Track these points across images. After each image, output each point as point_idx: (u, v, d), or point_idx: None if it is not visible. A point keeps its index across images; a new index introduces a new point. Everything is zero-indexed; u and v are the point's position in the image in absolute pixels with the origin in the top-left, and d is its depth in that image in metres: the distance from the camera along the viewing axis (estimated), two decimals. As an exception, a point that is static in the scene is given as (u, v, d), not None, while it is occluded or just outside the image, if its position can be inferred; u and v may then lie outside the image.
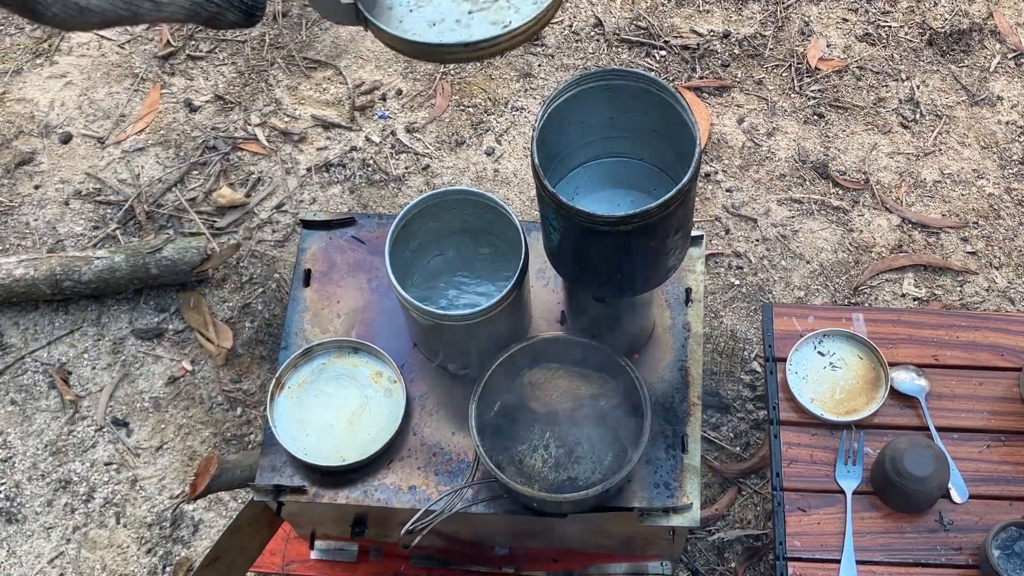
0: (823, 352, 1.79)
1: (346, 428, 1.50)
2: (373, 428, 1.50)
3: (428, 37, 1.16)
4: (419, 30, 1.17)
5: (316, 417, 1.51)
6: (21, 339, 2.44)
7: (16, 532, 2.22)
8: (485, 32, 1.14)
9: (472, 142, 2.70)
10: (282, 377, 1.53)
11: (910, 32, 2.85)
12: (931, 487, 1.61)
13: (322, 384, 1.54)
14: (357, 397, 1.53)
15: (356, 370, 1.55)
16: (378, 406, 1.52)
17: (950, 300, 2.42)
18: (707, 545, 2.16)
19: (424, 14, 1.18)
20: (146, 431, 2.32)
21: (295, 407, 1.51)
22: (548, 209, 1.24)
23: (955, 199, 2.57)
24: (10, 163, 2.69)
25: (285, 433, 1.48)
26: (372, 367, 1.55)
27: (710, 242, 2.51)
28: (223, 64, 2.87)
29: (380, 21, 1.18)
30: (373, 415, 1.52)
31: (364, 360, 1.55)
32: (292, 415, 1.50)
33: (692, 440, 1.51)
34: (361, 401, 1.53)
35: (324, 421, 1.51)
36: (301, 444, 1.48)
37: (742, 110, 2.72)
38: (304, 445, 1.48)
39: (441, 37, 1.15)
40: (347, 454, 1.47)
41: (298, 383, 1.53)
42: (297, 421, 1.50)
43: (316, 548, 1.84)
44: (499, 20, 1.15)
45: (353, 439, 1.49)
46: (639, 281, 1.34)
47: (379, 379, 1.54)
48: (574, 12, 2.93)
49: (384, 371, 1.54)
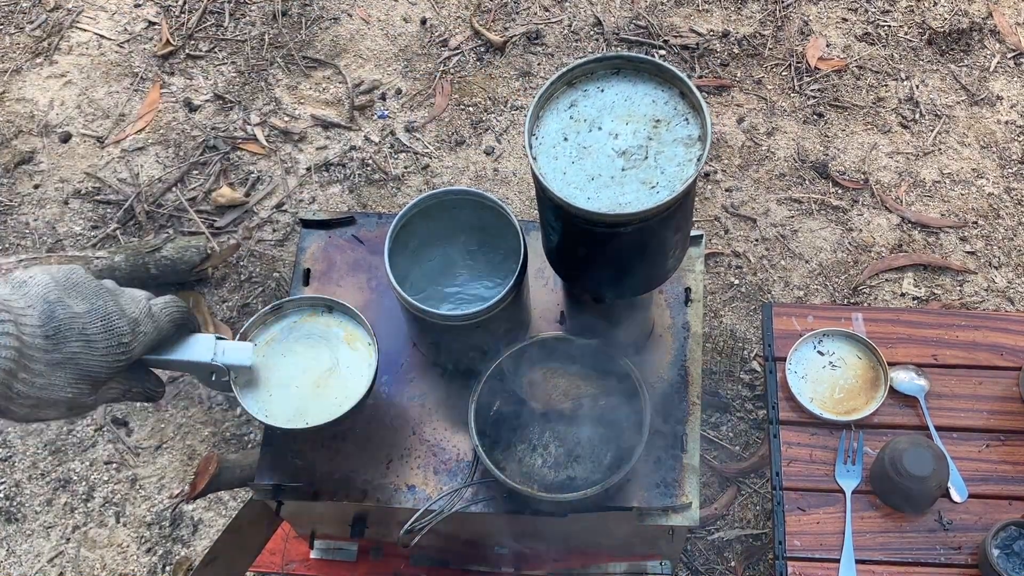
0: (823, 352, 1.79)
1: (311, 390, 1.43)
2: (341, 392, 1.43)
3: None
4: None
5: (282, 377, 1.43)
6: (21, 338, 2.44)
7: (16, 531, 2.22)
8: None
9: (472, 141, 2.70)
10: (248, 333, 1.45)
11: (910, 32, 2.85)
12: (931, 487, 1.61)
13: (291, 343, 1.46)
14: (327, 359, 1.45)
15: (329, 330, 1.48)
16: (348, 369, 1.45)
17: (949, 300, 2.42)
18: (707, 544, 2.16)
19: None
20: (146, 430, 2.32)
21: (260, 366, 1.43)
22: (547, 209, 1.24)
23: (955, 199, 2.57)
24: (10, 162, 2.69)
25: (247, 393, 1.41)
26: (346, 328, 1.47)
27: (710, 242, 2.52)
28: (223, 63, 2.87)
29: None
30: (342, 378, 1.44)
31: (338, 320, 1.48)
32: (257, 373, 1.43)
33: (692, 440, 1.51)
34: (331, 363, 1.45)
35: (290, 382, 1.43)
36: (263, 405, 1.41)
37: (741, 110, 2.72)
38: (266, 406, 1.41)
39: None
40: (311, 417, 1.40)
41: (265, 341, 1.46)
42: (262, 380, 1.42)
43: (316, 548, 1.84)
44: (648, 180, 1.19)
45: (319, 401, 1.42)
46: (639, 281, 1.34)
47: (352, 341, 1.47)
48: (574, 12, 2.93)
49: (358, 333, 1.47)
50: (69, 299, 1.17)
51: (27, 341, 1.11)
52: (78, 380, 1.16)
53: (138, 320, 1.22)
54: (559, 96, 1.24)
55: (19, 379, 1.11)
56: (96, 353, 1.17)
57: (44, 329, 1.13)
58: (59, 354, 1.14)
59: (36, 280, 1.17)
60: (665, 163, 1.18)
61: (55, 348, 1.13)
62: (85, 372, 1.16)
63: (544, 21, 2.92)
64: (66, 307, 1.16)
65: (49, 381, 1.13)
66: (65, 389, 1.15)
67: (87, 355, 1.16)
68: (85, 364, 1.16)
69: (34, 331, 1.12)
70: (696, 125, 1.20)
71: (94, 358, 1.17)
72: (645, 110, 1.21)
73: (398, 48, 2.89)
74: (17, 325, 1.10)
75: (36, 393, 1.13)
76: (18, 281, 1.16)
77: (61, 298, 1.16)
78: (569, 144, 1.21)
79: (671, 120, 1.21)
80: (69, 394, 1.16)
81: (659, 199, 1.15)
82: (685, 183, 1.16)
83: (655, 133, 1.20)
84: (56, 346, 1.14)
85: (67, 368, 1.14)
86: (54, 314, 1.14)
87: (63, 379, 1.15)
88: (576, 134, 1.21)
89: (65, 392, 1.15)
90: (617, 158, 1.19)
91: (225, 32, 2.93)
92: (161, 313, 1.26)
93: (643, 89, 1.23)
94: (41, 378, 1.12)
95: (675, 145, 1.19)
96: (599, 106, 1.23)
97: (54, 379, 1.14)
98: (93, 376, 1.17)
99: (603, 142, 1.20)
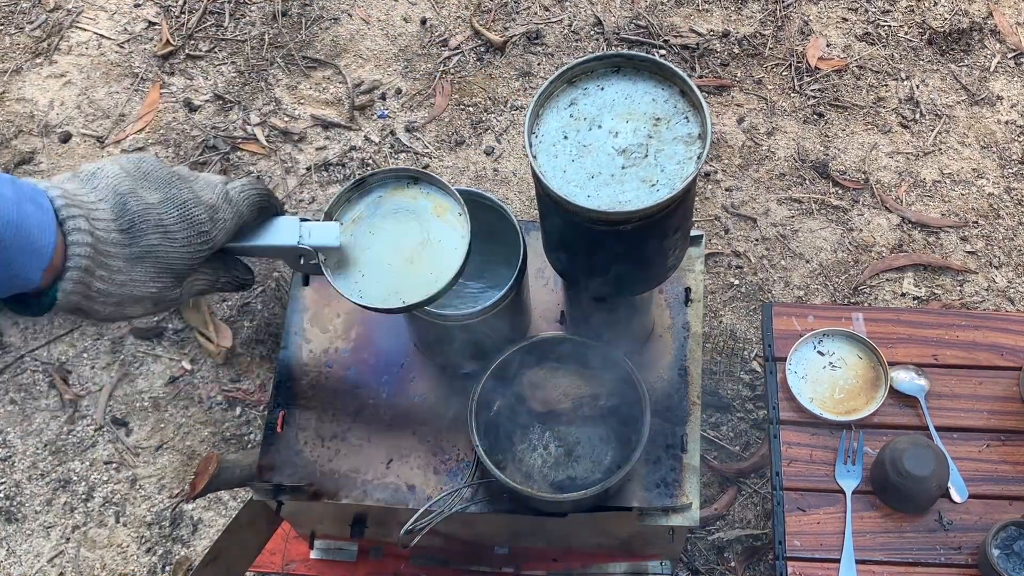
0: (823, 352, 1.79)
1: (404, 267, 1.35)
2: (436, 266, 1.34)
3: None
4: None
5: (372, 255, 1.36)
6: (21, 338, 2.44)
7: (16, 531, 2.22)
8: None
9: (471, 141, 2.70)
10: (332, 212, 1.37)
11: (910, 31, 2.85)
12: (931, 487, 1.61)
13: (378, 219, 1.38)
14: (418, 233, 1.36)
15: (416, 203, 1.38)
16: (441, 242, 1.36)
17: (950, 300, 2.42)
18: (707, 544, 2.16)
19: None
20: (145, 430, 2.32)
21: (348, 245, 1.35)
22: (547, 208, 1.24)
23: (955, 199, 2.57)
24: (9, 162, 2.69)
25: (338, 275, 1.34)
26: (434, 199, 1.38)
27: (710, 241, 2.51)
28: (223, 63, 2.87)
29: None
30: (436, 252, 1.35)
31: (425, 192, 1.39)
32: (346, 253, 1.35)
33: (692, 440, 1.51)
34: (422, 237, 1.36)
35: (381, 259, 1.35)
36: (355, 286, 1.33)
37: (742, 109, 2.72)
38: (359, 287, 1.33)
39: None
40: (407, 295, 1.33)
41: (351, 219, 1.37)
42: (352, 260, 1.35)
43: (316, 548, 1.84)
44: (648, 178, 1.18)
45: (413, 278, 1.34)
46: (639, 281, 1.34)
47: (442, 212, 1.37)
48: (574, 11, 2.93)
49: (447, 203, 1.38)
50: (141, 190, 1.11)
51: (101, 236, 1.05)
52: (160, 274, 1.11)
53: (216, 206, 1.16)
54: (559, 94, 1.24)
55: (97, 276, 1.05)
56: (176, 244, 1.11)
57: (118, 223, 1.07)
58: (137, 248, 1.08)
59: (105, 172, 1.11)
60: (665, 161, 1.18)
61: (132, 242, 1.08)
62: (166, 265, 1.11)
63: (544, 21, 2.92)
64: (139, 198, 1.10)
65: (129, 277, 1.08)
66: (147, 284, 1.10)
67: (166, 247, 1.10)
68: (165, 256, 1.10)
69: (108, 225, 1.06)
70: (696, 123, 1.20)
71: (174, 249, 1.11)
72: (645, 108, 1.21)
73: (398, 48, 2.89)
74: (89, 220, 1.05)
75: (117, 291, 1.08)
76: (87, 174, 1.10)
77: (133, 189, 1.10)
78: (569, 142, 1.21)
79: (671, 118, 1.20)
80: (153, 289, 1.11)
81: (659, 197, 1.15)
82: (685, 181, 1.15)
83: (655, 131, 1.20)
84: (133, 240, 1.08)
85: (147, 262, 1.09)
86: (127, 206, 1.08)
87: (144, 274, 1.09)
88: (576, 132, 1.21)
89: (148, 288, 1.10)
90: (617, 156, 1.19)
91: (225, 32, 2.93)
92: (239, 197, 1.20)
93: (643, 87, 1.23)
94: (121, 274, 1.07)
95: (675, 143, 1.19)
96: (599, 104, 1.22)
97: (134, 275, 1.08)
98: (175, 269, 1.12)
99: (603, 140, 1.20)
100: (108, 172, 1.11)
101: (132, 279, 1.09)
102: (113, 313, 1.11)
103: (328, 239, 1.31)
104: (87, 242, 1.04)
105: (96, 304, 1.08)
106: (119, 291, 1.08)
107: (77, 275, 1.04)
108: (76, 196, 1.06)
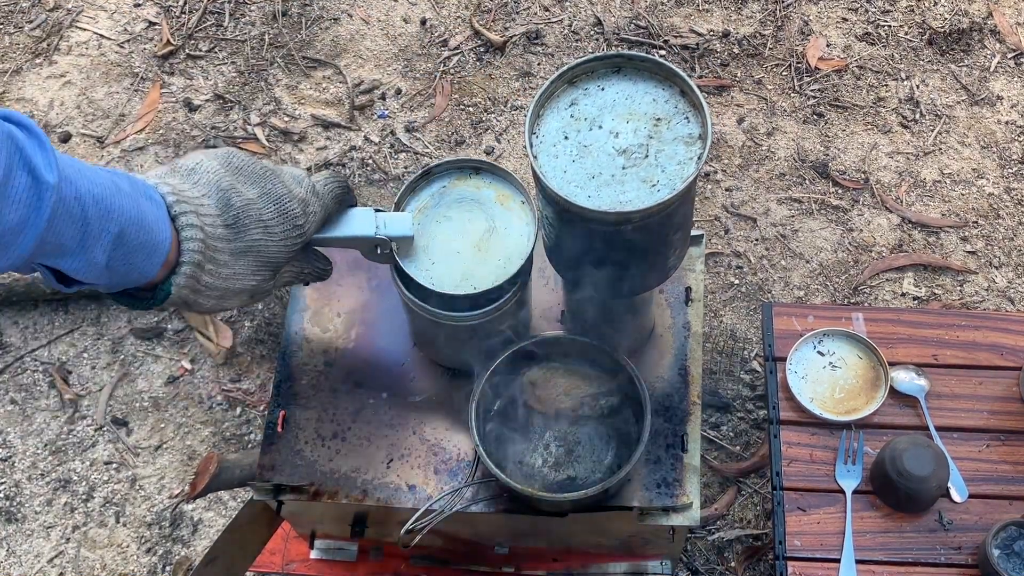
0: (823, 352, 1.79)
1: (473, 254, 1.39)
2: (504, 253, 1.39)
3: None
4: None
5: (441, 244, 1.40)
6: (21, 338, 2.44)
7: (16, 531, 2.22)
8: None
9: (472, 141, 2.70)
10: (401, 202, 1.43)
11: (910, 31, 2.85)
12: (931, 486, 1.61)
13: (444, 208, 1.43)
14: (484, 221, 1.41)
15: (480, 192, 1.44)
16: (507, 230, 1.41)
17: (950, 300, 2.42)
18: (707, 544, 2.16)
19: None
20: (145, 430, 2.32)
21: (417, 234, 1.40)
22: (547, 208, 1.24)
23: (955, 199, 2.57)
24: (9, 162, 2.69)
25: (411, 263, 1.38)
26: (496, 188, 1.44)
27: (710, 241, 2.51)
28: (223, 63, 2.87)
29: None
30: (503, 239, 1.40)
31: (487, 181, 1.44)
32: (415, 242, 1.40)
33: (692, 439, 1.51)
34: (488, 225, 1.41)
35: (450, 247, 1.40)
36: (427, 273, 1.37)
37: (742, 109, 2.72)
38: (430, 275, 1.37)
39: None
40: (477, 281, 1.37)
41: (418, 208, 1.43)
42: (421, 248, 1.39)
43: (316, 548, 1.84)
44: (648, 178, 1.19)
45: (483, 265, 1.39)
46: (639, 281, 1.34)
47: (505, 201, 1.42)
48: (574, 12, 2.93)
49: (509, 192, 1.43)
50: (240, 185, 1.13)
51: (209, 232, 1.08)
52: (260, 267, 1.14)
53: (307, 200, 1.19)
54: (560, 95, 1.24)
55: (206, 271, 1.08)
56: (275, 238, 1.14)
57: (223, 219, 1.10)
58: (241, 243, 1.11)
59: (204, 167, 1.13)
60: (666, 161, 1.18)
61: (236, 237, 1.10)
62: (266, 259, 1.14)
63: (544, 21, 2.92)
64: (239, 193, 1.12)
65: (233, 271, 1.11)
66: (249, 278, 1.13)
67: (267, 241, 1.13)
68: (265, 250, 1.13)
69: (214, 221, 1.09)
70: (696, 123, 1.20)
71: (273, 243, 1.14)
72: (646, 108, 1.21)
73: (398, 48, 2.89)
74: (198, 216, 1.07)
75: (222, 284, 1.10)
76: (186, 169, 1.12)
77: (233, 184, 1.13)
78: (569, 143, 1.21)
79: (672, 118, 1.20)
80: (253, 282, 1.14)
81: (659, 197, 1.15)
82: (686, 181, 1.15)
83: (656, 131, 1.20)
84: (237, 235, 1.11)
85: (249, 256, 1.12)
86: (231, 202, 1.11)
87: (246, 267, 1.12)
88: (576, 132, 1.21)
89: (249, 280, 1.13)
90: (618, 156, 1.19)
91: (225, 32, 2.93)
92: (325, 190, 1.23)
93: (644, 87, 1.23)
94: (226, 268, 1.10)
95: (675, 143, 1.19)
96: (600, 104, 1.23)
97: (238, 268, 1.11)
98: (273, 261, 1.15)
99: (603, 140, 1.20)
100: (208, 167, 1.13)
101: (236, 273, 1.12)
102: (215, 305, 1.14)
103: (403, 229, 1.35)
104: (199, 237, 1.06)
105: (201, 297, 1.11)
106: (223, 284, 1.11)
107: (190, 270, 1.07)
108: (183, 192, 1.08)
